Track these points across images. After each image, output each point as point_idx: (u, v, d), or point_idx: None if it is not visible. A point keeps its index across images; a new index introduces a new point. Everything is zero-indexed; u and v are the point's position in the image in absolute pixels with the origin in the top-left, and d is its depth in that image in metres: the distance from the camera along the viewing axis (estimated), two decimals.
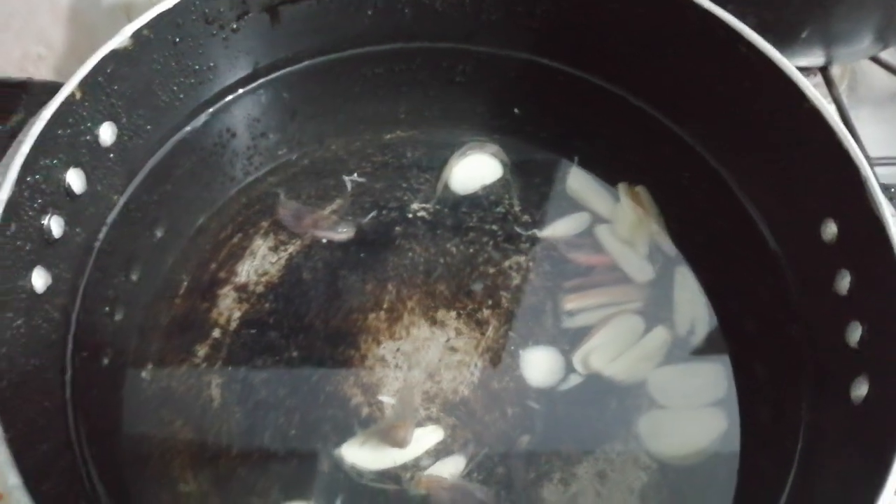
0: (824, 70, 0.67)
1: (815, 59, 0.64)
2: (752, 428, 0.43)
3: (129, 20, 0.99)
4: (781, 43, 0.63)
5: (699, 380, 0.46)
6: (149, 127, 0.45)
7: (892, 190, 0.37)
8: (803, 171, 0.40)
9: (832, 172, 0.37)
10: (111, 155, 0.42)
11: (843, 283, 0.37)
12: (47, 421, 0.36)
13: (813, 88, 0.39)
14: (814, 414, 0.39)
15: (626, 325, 0.48)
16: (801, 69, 0.47)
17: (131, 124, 0.43)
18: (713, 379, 0.46)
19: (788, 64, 0.40)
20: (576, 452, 0.44)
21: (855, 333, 0.36)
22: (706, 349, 0.47)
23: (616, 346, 0.47)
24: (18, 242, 0.35)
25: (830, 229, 0.39)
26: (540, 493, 0.43)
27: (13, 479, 0.27)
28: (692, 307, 0.48)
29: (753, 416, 0.43)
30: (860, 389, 0.35)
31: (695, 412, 0.45)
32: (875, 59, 0.70)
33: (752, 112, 0.43)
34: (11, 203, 0.34)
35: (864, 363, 0.35)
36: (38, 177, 0.36)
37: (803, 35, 0.60)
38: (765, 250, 0.44)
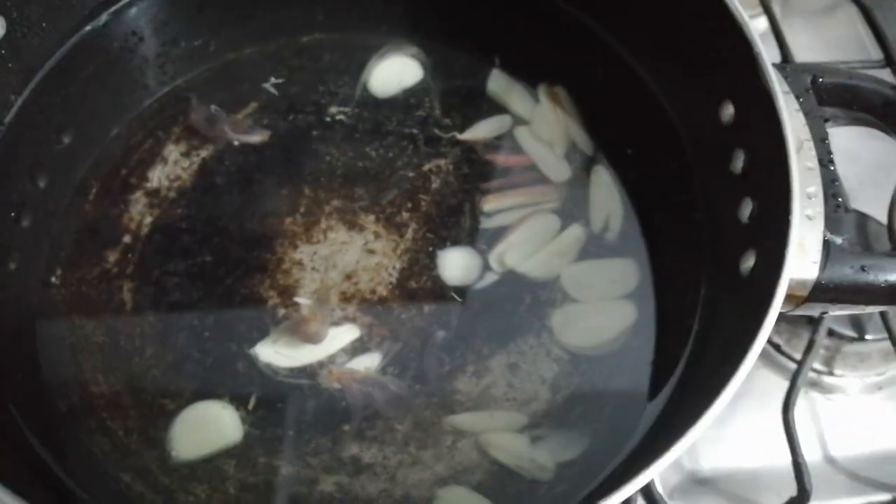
0: None
1: None
2: (658, 315, 0.44)
3: None
4: None
5: (611, 274, 0.47)
6: (44, 24, 0.43)
7: (788, 69, 0.37)
8: (705, 55, 0.41)
9: (729, 52, 0.38)
10: (2, 51, 0.41)
11: (738, 162, 0.38)
12: None
13: None
14: (709, 292, 0.40)
15: (542, 224, 0.48)
16: None
17: (24, 19, 0.41)
18: (624, 273, 0.47)
19: None
20: (489, 346, 0.45)
21: (746, 210, 0.37)
22: (619, 245, 0.47)
23: (531, 244, 0.47)
24: None
25: (728, 111, 0.39)
26: (454, 385, 0.44)
27: None
28: (607, 205, 0.49)
29: (659, 304, 0.44)
30: (748, 261, 0.36)
31: (606, 304, 0.46)
32: None
33: (662, 6, 0.43)
34: None
35: (753, 237, 0.36)
36: None
37: None
38: (673, 140, 0.45)
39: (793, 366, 0.53)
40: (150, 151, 0.49)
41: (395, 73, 0.53)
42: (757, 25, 0.68)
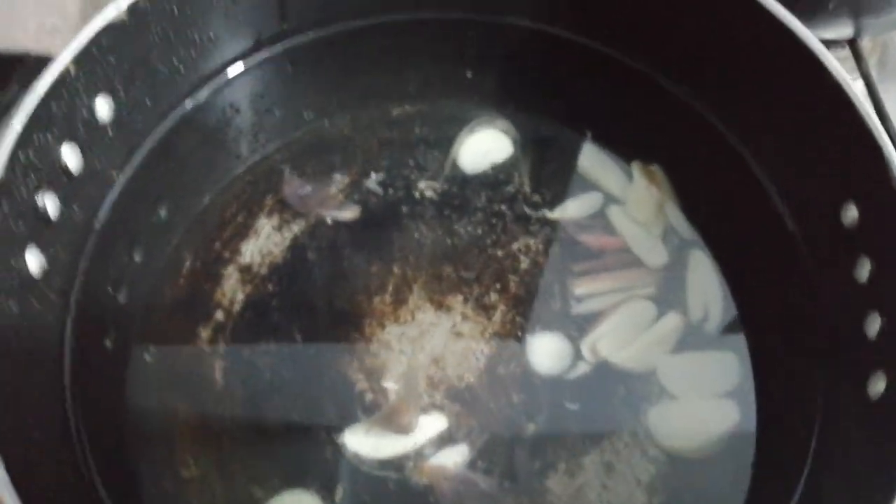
0: (853, 43, 0.64)
1: (844, 30, 0.61)
2: (766, 420, 0.42)
3: None
4: (809, 13, 0.60)
5: (712, 368, 0.45)
6: (148, 101, 0.43)
7: None
8: (825, 150, 0.38)
9: (854, 152, 0.35)
10: (109, 130, 0.41)
11: (864, 270, 0.36)
12: (42, 411, 0.36)
13: (837, 63, 0.37)
14: (829, 408, 0.38)
15: (637, 311, 0.46)
16: (829, 42, 0.46)
17: (129, 98, 0.42)
18: (726, 368, 0.44)
19: (812, 37, 0.37)
20: (582, 443, 0.43)
21: (874, 325, 0.34)
22: (720, 336, 0.45)
23: (626, 333, 0.46)
24: (10, 221, 0.34)
25: (851, 213, 0.37)
26: (545, 484, 0.42)
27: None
28: (706, 292, 0.47)
29: (767, 407, 0.42)
30: (878, 385, 0.33)
31: (706, 402, 0.44)
32: None
33: (773, 87, 0.41)
34: (4, 182, 0.33)
35: (883, 357, 0.33)
36: (31, 153, 0.35)
37: (831, 5, 0.57)
38: (784, 233, 0.42)
39: None
40: (242, 224, 0.49)
41: (484, 147, 0.52)
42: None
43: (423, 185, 0.51)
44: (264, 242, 0.49)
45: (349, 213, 0.50)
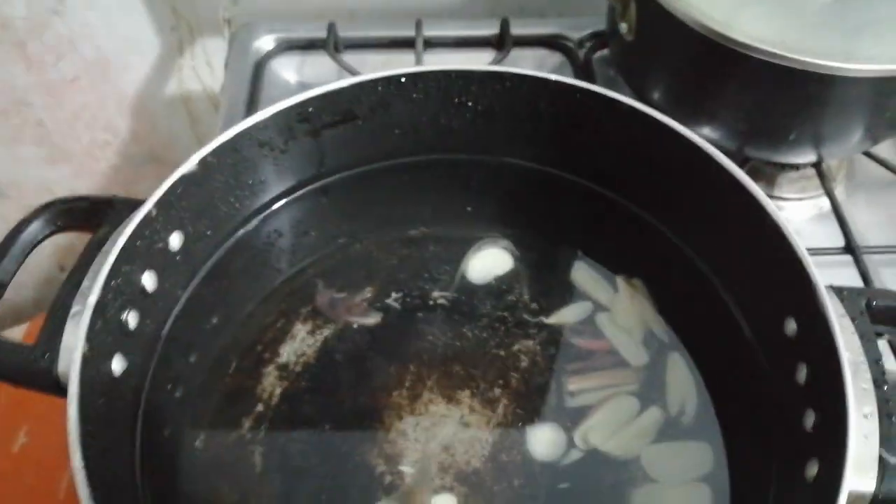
0: (818, 164, 0.72)
1: (807, 157, 0.70)
2: (735, 500, 0.47)
3: (187, 110, 1.11)
4: (772, 145, 0.70)
5: (688, 456, 0.51)
6: (209, 232, 0.53)
7: (844, 292, 0.42)
8: (769, 274, 0.46)
9: (790, 278, 0.43)
10: (178, 258, 0.51)
11: (802, 374, 0.43)
12: (121, 487, 0.43)
13: (777, 211, 0.45)
14: (780, 488, 0.44)
15: (623, 406, 0.53)
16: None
17: (195, 232, 0.51)
18: (700, 455, 0.50)
19: (752, 184, 0.46)
20: None
21: (810, 420, 0.41)
22: (694, 428, 0.52)
23: (613, 425, 0.52)
24: (103, 335, 0.43)
25: (791, 326, 0.44)
26: None
27: None
28: (682, 389, 0.53)
29: (733, 490, 0.48)
30: (812, 469, 0.39)
31: (684, 486, 0.50)
32: (868, 154, 0.75)
33: (728, 225, 0.50)
34: (99, 304, 0.42)
35: (816, 447, 0.40)
36: (119, 280, 0.44)
37: (791, 137, 0.66)
38: (744, 340, 0.50)
39: None
40: (281, 330, 0.58)
41: (489, 262, 0.60)
42: (821, 204, 0.73)
43: (435, 294, 0.59)
44: (299, 345, 0.57)
45: (372, 319, 0.58)
